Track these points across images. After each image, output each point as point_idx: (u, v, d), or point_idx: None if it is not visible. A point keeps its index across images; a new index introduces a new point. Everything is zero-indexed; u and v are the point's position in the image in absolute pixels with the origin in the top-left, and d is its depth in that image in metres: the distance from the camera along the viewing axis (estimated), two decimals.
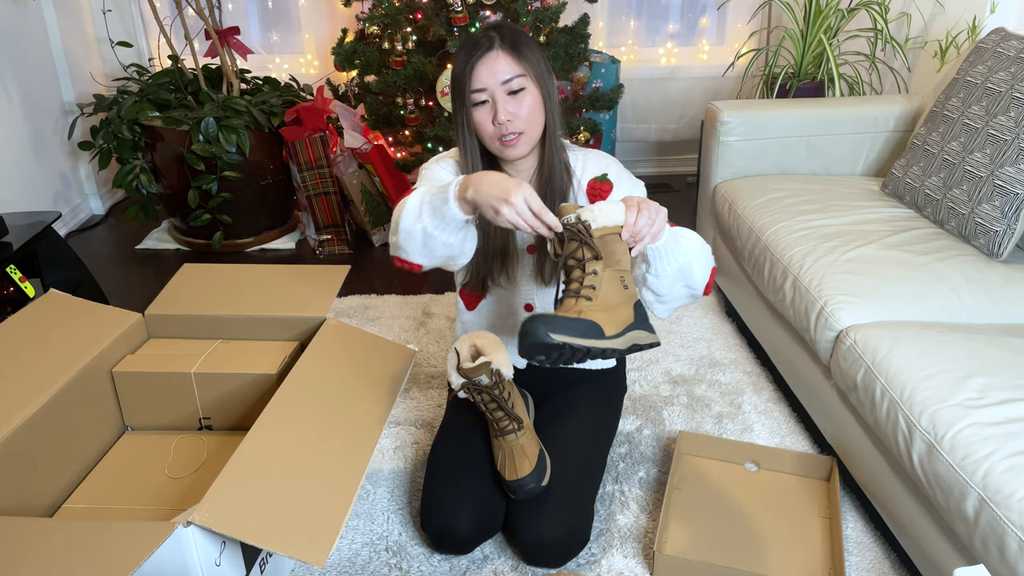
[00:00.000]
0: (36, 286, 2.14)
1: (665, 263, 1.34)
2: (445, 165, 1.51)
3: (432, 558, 1.53)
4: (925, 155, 1.99)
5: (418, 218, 1.30)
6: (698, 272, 1.37)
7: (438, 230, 1.29)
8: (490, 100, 1.38)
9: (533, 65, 1.39)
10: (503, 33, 1.39)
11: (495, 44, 1.37)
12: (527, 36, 1.41)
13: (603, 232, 1.25)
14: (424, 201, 1.30)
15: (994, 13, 2.37)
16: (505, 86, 1.37)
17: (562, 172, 1.48)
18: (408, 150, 2.79)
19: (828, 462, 1.69)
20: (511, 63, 1.37)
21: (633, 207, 1.25)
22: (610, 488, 1.71)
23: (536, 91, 1.40)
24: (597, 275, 1.24)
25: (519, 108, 1.38)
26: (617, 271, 1.26)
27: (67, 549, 1.04)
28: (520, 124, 1.39)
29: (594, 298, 1.23)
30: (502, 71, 1.37)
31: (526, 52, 1.38)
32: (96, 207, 3.35)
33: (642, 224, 1.25)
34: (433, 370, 2.14)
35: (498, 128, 1.39)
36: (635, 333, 1.27)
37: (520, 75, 1.37)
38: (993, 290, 1.67)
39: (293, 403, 1.38)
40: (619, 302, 1.26)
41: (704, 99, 3.62)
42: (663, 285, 1.37)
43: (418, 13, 2.56)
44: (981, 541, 1.18)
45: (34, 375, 1.45)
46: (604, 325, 1.21)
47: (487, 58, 1.37)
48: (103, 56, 3.35)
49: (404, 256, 1.36)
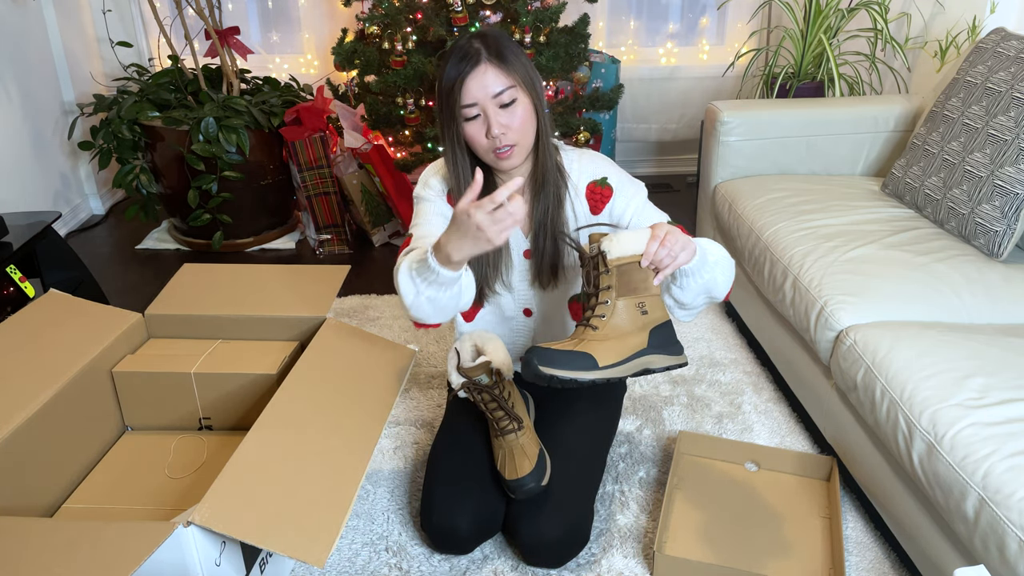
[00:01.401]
0: (36, 286, 2.14)
1: (691, 280, 1.37)
2: (433, 186, 1.51)
3: (432, 558, 1.53)
4: (925, 155, 1.99)
5: (417, 293, 1.36)
6: (722, 285, 1.41)
7: (440, 292, 1.34)
8: (482, 114, 1.36)
9: (521, 74, 1.37)
10: (488, 44, 1.36)
11: (482, 57, 1.34)
12: (511, 42, 1.39)
13: (621, 261, 1.29)
14: (414, 276, 1.34)
15: (994, 13, 2.37)
16: (496, 99, 1.35)
17: (556, 176, 1.48)
18: (408, 150, 2.78)
19: (828, 462, 1.69)
20: (500, 75, 1.35)
21: (657, 238, 1.28)
22: (610, 488, 1.71)
23: (527, 100, 1.38)
24: (609, 304, 1.30)
25: (512, 120, 1.36)
26: (635, 299, 1.31)
27: (67, 549, 1.04)
28: (514, 136, 1.37)
29: (600, 327, 1.30)
30: (492, 84, 1.35)
31: (513, 61, 1.36)
32: (96, 207, 3.35)
33: (663, 255, 1.28)
34: (433, 370, 2.14)
35: (492, 142, 1.37)
36: (647, 358, 1.34)
37: (510, 87, 1.35)
38: (993, 290, 1.67)
39: (293, 403, 1.38)
40: (631, 330, 1.32)
41: (704, 99, 3.62)
42: (687, 297, 1.41)
43: (418, 13, 2.56)
44: (981, 541, 1.18)
45: (34, 375, 1.45)
46: (602, 355, 1.29)
47: (475, 72, 1.34)
48: (103, 56, 3.35)
49: (424, 322, 1.43)
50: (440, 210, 1.51)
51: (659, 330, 1.36)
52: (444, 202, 1.51)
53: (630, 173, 1.57)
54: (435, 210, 1.51)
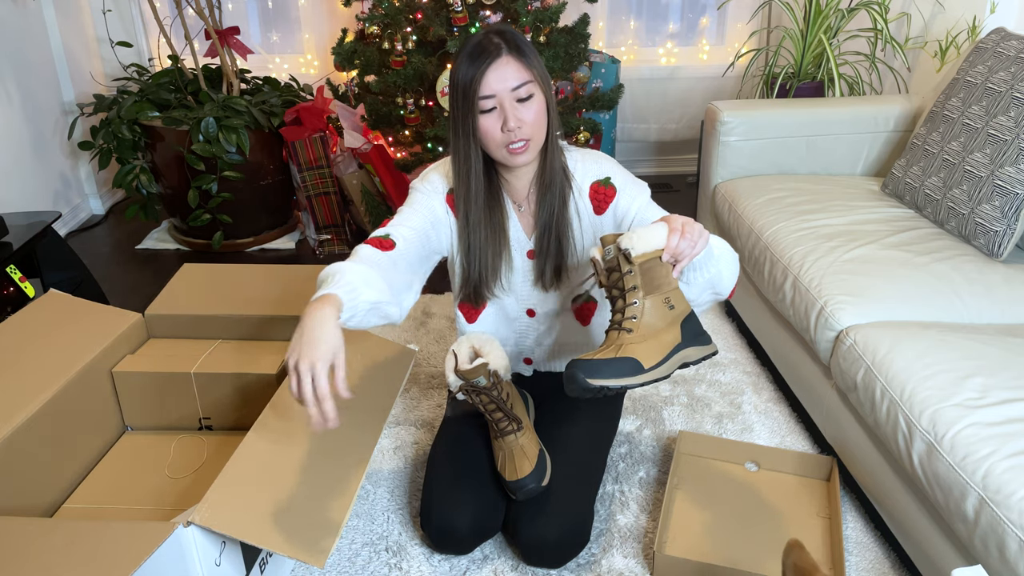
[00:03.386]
0: (36, 286, 2.14)
1: (697, 274, 1.35)
2: (432, 182, 1.51)
3: (432, 558, 1.53)
4: (925, 155, 1.99)
5: None
6: (727, 280, 1.38)
7: None
8: (498, 107, 1.36)
9: (539, 70, 1.38)
10: (507, 39, 1.37)
11: (503, 51, 1.35)
12: (526, 40, 1.40)
13: (643, 258, 1.27)
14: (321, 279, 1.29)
15: (994, 13, 2.37)
16: (514, 93, 1.35)
17: (562, 177, 1.48)
18: (408, 150, 2.78)
19: (828, 462, 1.69)
20: (520, 69, 1.36)
21: (676, 230, 1.25)
22: (610, 488, 1.71)
23: (542, 96, 1.39)
24: (638, 304, 1.28)
25: (528, 114, 1.37)
26: (661, 294, 1.29)
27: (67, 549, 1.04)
28: (528, 130, 1.38)
29: (635, 328, 1.28)
30: (512, 78, 1.35)
31: (532, 58, 1.37)
32: (96, 207, 3.35)
33: (684, 247, 1.25)
34: (433, 370, 2.14)
35: (507, 135, 1.37)
36: (684, 352, 1.32)
37: (529, 81, 1.36)
38: (993, 290, 1.67)
39: (293, 403, 1.38)
40: (663, 326, 1.30)
41: (704, 99, 3.62)
42: (692, 293, 1.39)
43: (418, 13, 2.56)
44: (981, 541, 1.18)
45: (34, 375, 1.45)
46: (644, 357, 1.26)
47: (496, 64, 1.34)
48: (103, 56, 3.35)
49: None
50: (430, 206, 1.50)
51: (688, 322, 1.34)
52: (440, 200, 1.50)
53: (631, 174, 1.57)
54: (425, 205, 1.50)
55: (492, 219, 1.48)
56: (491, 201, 1.48)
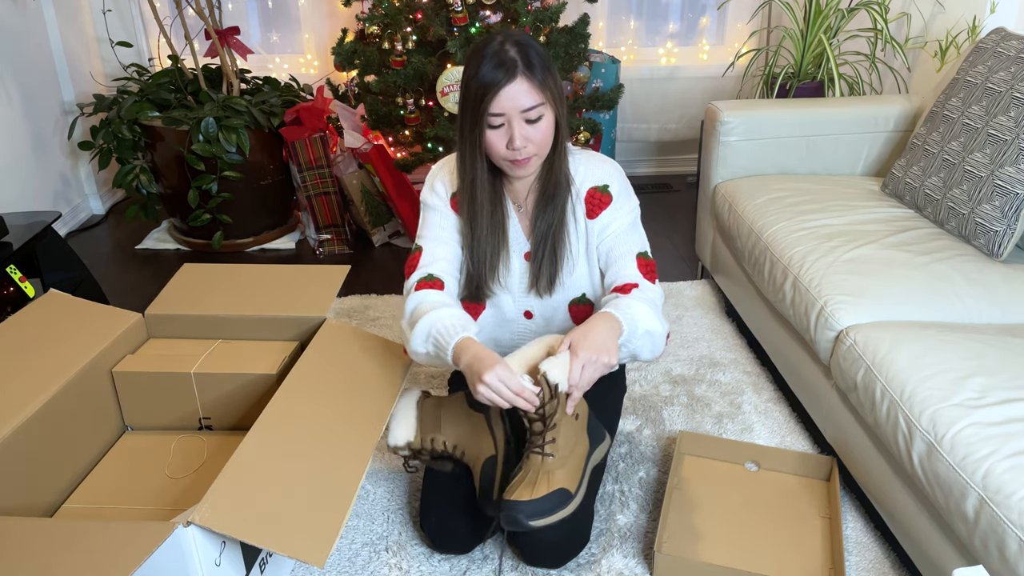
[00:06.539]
0: (36, 286, 2.14)
1: None
2: (439, 192, 1.51)
3: (432, 558, 1.53)
4: (925, 155, 1.99)
5: (427, 354, 1.42)
6: (645, 354, 1.45)
7: (440, 362, 1.42)
8: (506, 124, 1.36)
9: (552, 91, 1.37)
10: (524, 54, 1.34)
11: (518, 70, 1.33)
12: (544, 54, 1.37)
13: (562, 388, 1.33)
14: (429, 345, 1.40)
15: (994, 13, 2.37)
16: (524, 114, 1.35)
17: (566, 189, 1.48)
18: (408, 150, 2.78)
19: (828, 462, 1.69)
20: (533, 92, 1.34)
21: (579, 366, 1.31)
22: (610, 488, 1.71)
23: (552, 116, 1.39)
24: (556, 427, 1.34)
25: (535, 134, 1.37)
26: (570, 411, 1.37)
27: (67, 549, 1.04)
28: (533, 148, 1.38)
29: (556, 452, 1.35)
30: (524, 100, 1.34)
31: (546, 77, 1.36)
32: (96, 207, 3.35)
33: (583, 384, 1.32)
34: (433, 370, 2.14)
35: (512, 152, 1.38)
36: (592, 458, 1.44)
37: (540, 104, 1.35)
38: (993, 290, 1.67)
39: (293, 403, 1.38)
40: (575, 440, 1.39)
41: (704, 99, 3.62)
42: None
43: (418, 13, 2.56)
44: (981, 541, 1.18)
45: (34, 375, 1.45)
46: (569, 482, 1.34)
47: (510, 85, 1.33)
48: (103, 56, 3.35)
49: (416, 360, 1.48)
50: (447, 219, 1.51)
51: (590, 425, 1.45)
52: (450, 208, 1.51)
53: (630, 173, 1.57)
54: (441, 220, 1.51)
55: (493, 217, 1.49)
56: (493, 200, 1.48)
